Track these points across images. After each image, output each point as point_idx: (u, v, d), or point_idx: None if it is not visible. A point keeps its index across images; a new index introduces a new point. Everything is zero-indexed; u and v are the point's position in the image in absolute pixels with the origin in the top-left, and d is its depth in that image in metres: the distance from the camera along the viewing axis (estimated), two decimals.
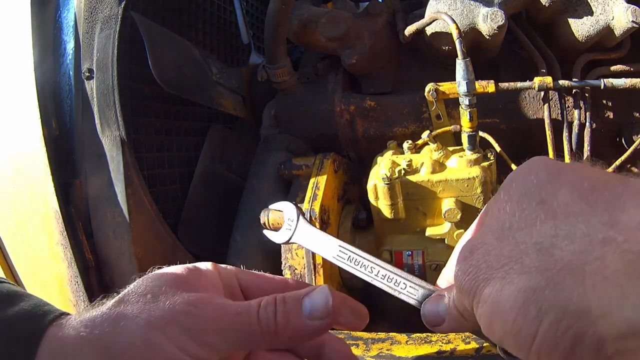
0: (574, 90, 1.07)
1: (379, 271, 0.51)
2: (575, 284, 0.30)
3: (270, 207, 0.60)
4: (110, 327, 0.41)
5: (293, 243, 0.58)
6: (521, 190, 0.38)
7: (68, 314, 0.43)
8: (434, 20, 1.07)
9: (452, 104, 1.11)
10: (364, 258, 0.51)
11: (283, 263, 1.03)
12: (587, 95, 1.07)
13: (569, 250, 0.32)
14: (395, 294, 0.51)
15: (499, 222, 0.38)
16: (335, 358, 0.51)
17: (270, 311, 0.44)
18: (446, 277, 0.50)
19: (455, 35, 0.96)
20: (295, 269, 1.02)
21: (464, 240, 0.49)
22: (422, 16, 1.11)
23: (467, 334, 0.82)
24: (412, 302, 0.50)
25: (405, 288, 0.50)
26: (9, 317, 0.39)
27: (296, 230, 0.58)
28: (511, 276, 0.34)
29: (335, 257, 0.51)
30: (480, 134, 1.03)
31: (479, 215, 0.46)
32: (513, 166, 1.04)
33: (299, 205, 0.57)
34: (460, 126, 1.02)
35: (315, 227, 0.55)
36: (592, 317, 0.29)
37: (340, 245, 0.52)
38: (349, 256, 0.51)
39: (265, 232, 0.58)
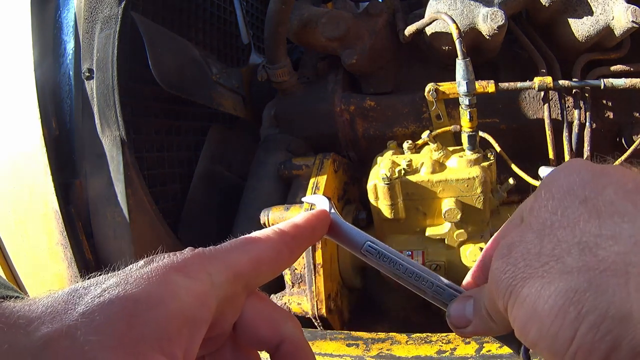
0: (574, 90, 1.07)
1: (407, 269, 0.51)
2: (618, 287, 0.29)
3: (304, 199, 0.60)
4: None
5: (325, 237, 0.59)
6: (564, 189, 0.36)
7: (16, 297, 0.36)
8: (434, 20, 1.07)
9: (452, 104, 1.11)
10: (392, 255, 0.51)
11: None
12: (587, 95, 1.07)
13: (613, 251, 0.31)
14: (421, 293, 0.50)
15: (540, 220, 0.36)
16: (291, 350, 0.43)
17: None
18: (471, 277, 0.49)
19: (455, 35, 0.96)
20: (295, 269, 1.02)
21: (488, 248, 0.47)
22: (422, 16, 1.11)
23: None
24: (437, 302, 0.50)
25: (432, 287, 0.50)
26: None
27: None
28: (551, 276, 0.32)
29: (363, 252, 0.51)
30: (480, 134, 1.03)
31: (513, 215, 0.45)
32: (513, 166, 1.05)
33: (330, 199, 0.57)
34: (460, 126, 1.02)
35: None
36: (633, 322, 0.28)
37: (369, 241, 0.51)
38: (378, 252, 0.51)
39: None
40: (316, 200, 0.56)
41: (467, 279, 0.49)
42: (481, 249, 1.00)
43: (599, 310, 0.29)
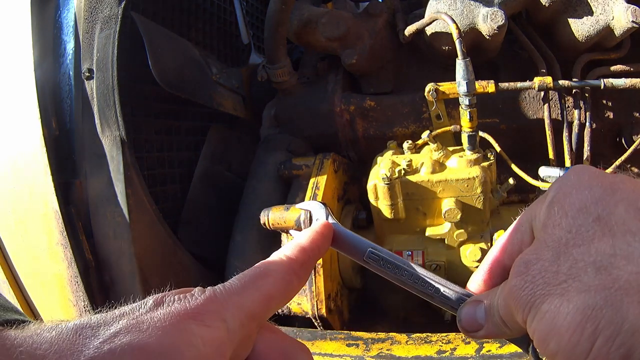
0: (574, 90, 1.07)
1: (412, 274, 0.50)
2: (632, 304, 0.32)
3: (297, 206, 0.58)
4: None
5: None
6: (576, 206, 0.38)
7: (19, 323, 0.34)
8: (434, 20, 1.07)
9: (452, 104, 1.11)
10: (395, 261, 0.50)
11: None
12: (587, 95, 1.07)
13: (626, 270, 0.33)
14: (428, 298, 0.50)
15: (555, 237, 0.38)
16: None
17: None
18: (477, 281, 0.50)
19: (455, 35, 0.96)
20: None
21: (495, 253, 0.49)
22: (422, 16, 1.11)
23: None
24: (446, 306, 0.49)
25: (439, 293, 0.50)
26: None
27: None
28: (570, 294, 0.35)
29: (365, 260, 0.50)
30: (480, 134, 1.03)
31: (519, 222, 0.47)
32: (513, 166, 1.05)
33: (327, 205, 0.56)
34: (460, 126, 1.02)
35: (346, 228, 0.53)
36: None
37: (371, 248, 0.50)
38: (380, 258, 0.50)
39: (292, 232, 0.56)
40: (312, 207, 0.55)
41: (477, 284, 0.50)
42: (481, 249, 1.00)
43: (614, 325, 0.32)
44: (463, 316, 0.47)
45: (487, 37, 1.03)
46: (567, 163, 1.03)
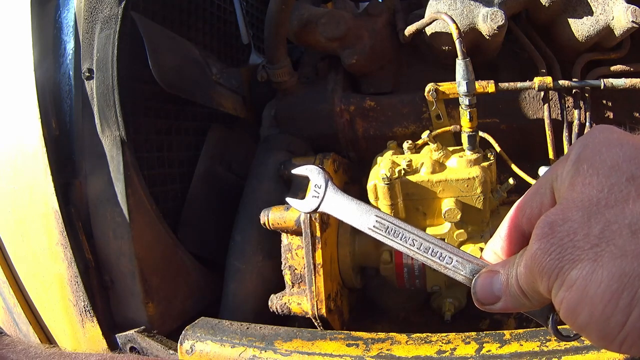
0: (574, 90, 1.07)
1: (421, 244, 0.46)
2: None
3: (294, 171, 0.53)
4: None
5: (321, 212, 0.50)
6: (608, 164, 0.35)
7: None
8: (434, 20, 1.07)
9: (452, 104, 1.11)
10: (404, 229, 0.46)
11: (283, 263, 1.03)
12: (587, 95, 1.07)
13: None
14: (440, 269, 0.45)
15: (585, 197, 0.35)
16: None
17: None
18: (493, 249, 0.46)
19: (455, 35, 0.96)
20: (295, 269, 1.02)
21: (511, 219, 0.44)
22: (422, 16, 1.11)
23: (468, 333, 0.82)
24: (459, 278, 0.45)
25: (452, 262, 0.45)
26: None
27: (325, 198, 0.51)
28: (603, 259, 0.32)
29: (371, 229, 0.46)
30: (480, 134, 1.03)
31: (538, 184, 0.42)
32: (513, 166, 1.05)
33: (326, 170, 0.50)
34: (460, 126, 1.02)
35: (344, 196, 0.47)
36: None
37: (377, 215, 0.46)
38: (387, 227, 0.46)
39: (290, 200, 0.51)
40: (310, 172, 0.51)
41: (492, 252, 0.45)
42: (481, 249, 0.99)
43: None
44: (478, 288, 0.44)
45: (487, 37, 1.03)
46: None
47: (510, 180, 1.05)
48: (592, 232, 0.33)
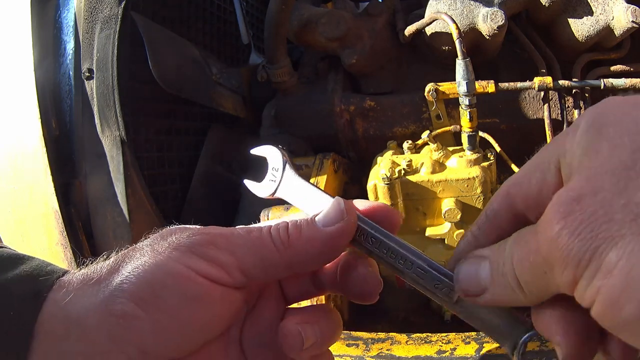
0: (574, 90, 1.07)
1: (388, 248, 0.41)
2: None
3: (252, 151, 0.49)
4: (114, 266, 0.40)
5: (278, 198, 0.46)
6: (637, 121, 0.29)
7: (72, 271, 0.43)
8: (434, 20, 1.07)
9: (452, 104, 1.11)
10: (364, 225, 0.41)
11: None
12: (587, 95, 1.07)
13: None
14: (417, 281, 0.41)
15: (615, 160, 0.28)
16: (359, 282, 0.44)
17: (282, 227, 0.41)
18: (475, 233, 0.40)
19: (455, 35, 0.96)
20: None
21: (501, 197, 0.38)
22: (422, 16, 1.11)
23: (468, 333, 0.82)
24: (440, 290, 0.40)
25: (433, 266, 0.41)
26: (10, 279, 0.39)
27: (282, 183, 0.46)
28: None
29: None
30: (480, 134, 1.03)
31: (531, 159, 0.37)
32: (513, 166, 1.04)
33: (284, 150, 0.45)
34: (460, 126, 1.02)
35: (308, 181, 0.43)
36: None
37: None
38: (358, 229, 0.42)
39: (247, 182, 0.48)
40: (268, 153, 0.47)
41: (474, 236, 0.40)
42: None
43: None
44: (461, 275, 0.38)
45: (487, 37, 1.03)
46: None
47: None
48: (633, 199, 0.26)
